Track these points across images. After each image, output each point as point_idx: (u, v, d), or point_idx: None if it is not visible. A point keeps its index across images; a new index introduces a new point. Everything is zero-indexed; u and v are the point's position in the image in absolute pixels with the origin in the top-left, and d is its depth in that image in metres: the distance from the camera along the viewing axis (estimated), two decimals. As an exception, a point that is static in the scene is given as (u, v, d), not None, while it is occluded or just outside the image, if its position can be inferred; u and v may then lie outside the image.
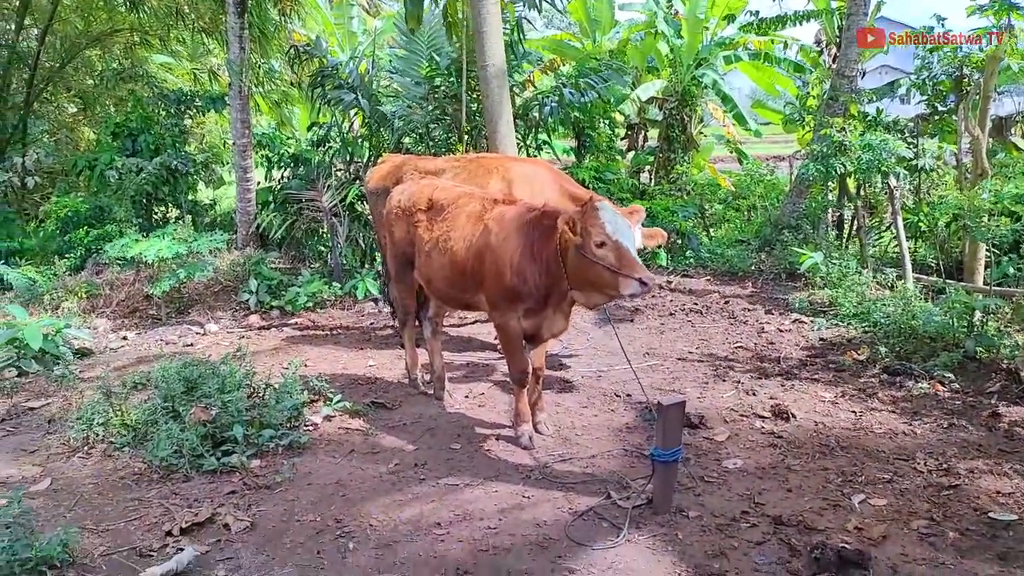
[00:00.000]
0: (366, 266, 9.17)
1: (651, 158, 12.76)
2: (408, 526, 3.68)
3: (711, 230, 11.94)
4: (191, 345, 7.00)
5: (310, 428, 4.87)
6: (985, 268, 7.46)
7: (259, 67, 9.97)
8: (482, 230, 4.51)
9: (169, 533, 3.59)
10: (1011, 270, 7.31)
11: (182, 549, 3.43)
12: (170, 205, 10.70)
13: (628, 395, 5.44)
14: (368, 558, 3.42)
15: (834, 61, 11.60)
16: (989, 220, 6.48)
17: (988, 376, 5.50)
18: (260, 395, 4.93)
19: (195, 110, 11.04)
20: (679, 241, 10.30)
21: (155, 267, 8.03)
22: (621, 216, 4.00)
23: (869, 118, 8.87)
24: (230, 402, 4.53)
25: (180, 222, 9.99)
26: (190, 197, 10.78)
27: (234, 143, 9.70)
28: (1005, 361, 5.57)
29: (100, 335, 7.34)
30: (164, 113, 10.69)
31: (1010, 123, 12.44)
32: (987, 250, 7.39)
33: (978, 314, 6.01)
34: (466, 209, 4.71)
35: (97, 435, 4.65)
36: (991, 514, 3.68)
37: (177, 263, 7.78)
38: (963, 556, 3.34)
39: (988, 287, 6.81)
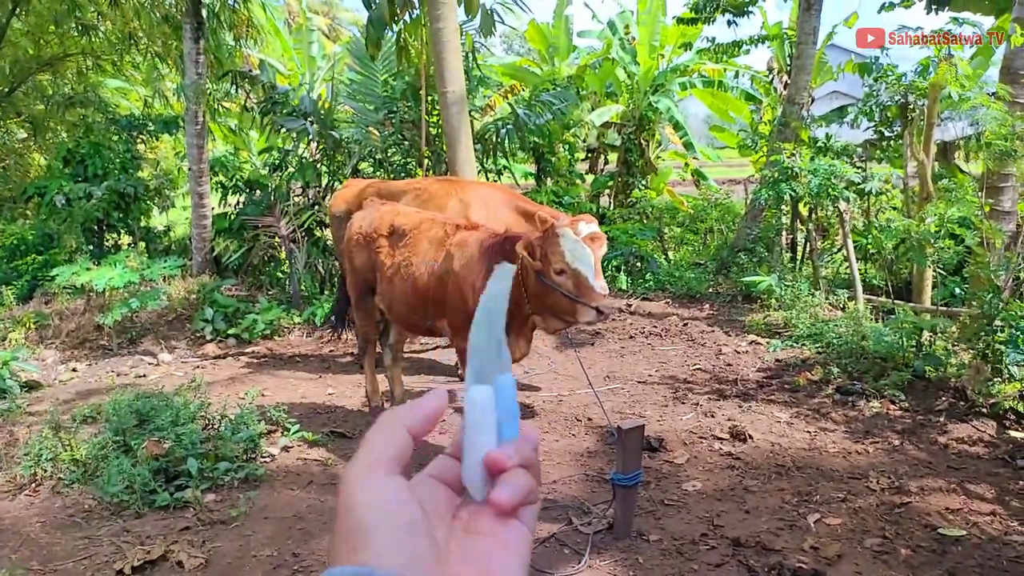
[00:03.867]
0: (325, 292, 9.09)
1: (610, 182, 12.94)
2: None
3: (670, 253, 12.12)
4: (144, 376, 6.85)
5: (267, 460, 4.78)
6: (932, 288, 7.69)
7: (212, 93, 9.88)
8: (444, 255, 4.52)
9: (120, 572, 3.48)
10: (957, 290, 7.55)
11: (133, 589, 3.33)
12: (122, 232, 10.49)
13: (589, 419, 5.47)
14: (326, 592, 3.35)
15: (785, 88, 11.93)
16: (934, 243, 6.70)
17: (936, 394, 5.66)
18: (215, 427, 4.84)
19: (148, 135, 10.89)
20: (639, 264, 10.43)
21: (106, 296, 7.85)
22: (581, 243, 4.04)
23: (819, 143, 9.13)
24: (184, 435, 4.43)
25: (133, 249, 9.80)
26: (143, 223, 10.59)
27: (190, 168, 9.58)
28: (952, 379, 5.74)
29: (49, 367, 7.13)
30: (116, 138, 10.52)
31: (954, 147, 12.91)
32: (933, 271, 7.63)
33: (926, 334, 6.20)
34: (428, 234, 4.72)
35: (45, 471, 4.51)
36: (941, 530, 3.78)
37: (129, 291, 7.62)
38: (914, 572, 3.42)
39: (935, 307, 7.03)
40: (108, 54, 12.18)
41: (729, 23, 11.92)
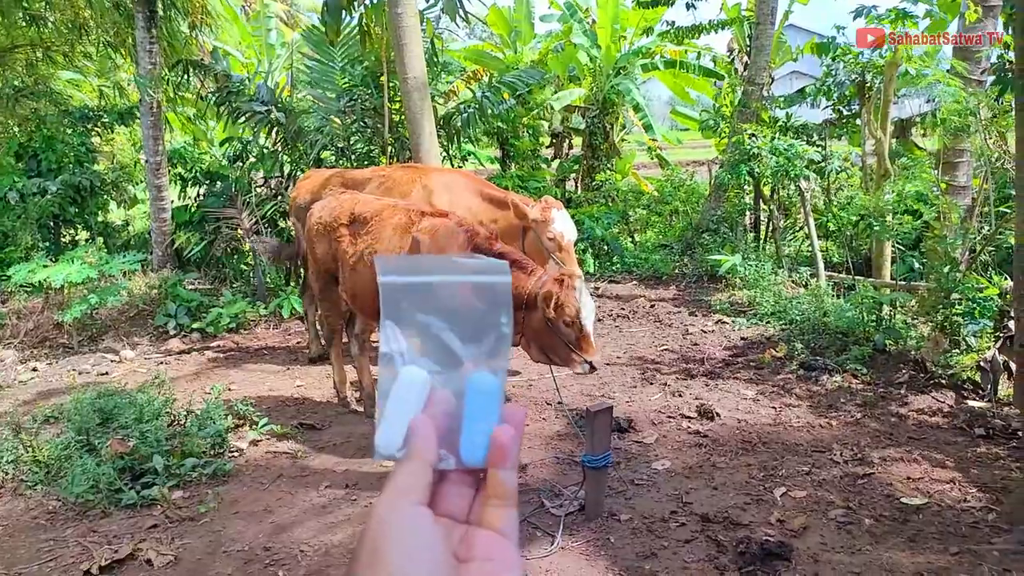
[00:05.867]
0: (291, 284, 8.99)
1: (576, 166, 12.95)
2: (340, 549, 3.62)
3: (635, 235, 12.19)
4: (106, 374, 6.72)
5: (235, 454, 4.73)
6: (891, 264, 7.86)
7: (168, 81, 9.65)
8: (411, 243, 4.48)
9: (88, 573, 3.43)
10: (916, 265, 7.72)
11: (101, 589, 3.29)
12: (79, 227, 10.24)
13: (559, 403, 5.50)
14: (299, 585, 3.34)
15: (745, 69, 12.03)
16: (892, 219, 6.83)
17: (897, 367, 5.79)
18: (181, 423, 4.78)
19: (102, 127, 10.62)
20: (606, 247, 10.48)
21: (65, 293, 7.67)
22: (590, 296, 4.07)
23: (779, 123, 9.23)
24: (149, 432, 4.37)
25: (91, 244, 9.57)
26: (100, 218, 10.35)
27: (147, 160, 9.37)
28: (912, 352, 5.88)
29: (7, 367, 6.96)
30: (70, 131, 10.25)
31: (911, 125, 13.14)
32: (892, 247, 7.79)
33: (886, 308, 6.33)
34: (391, 221, 4.68)
35: (7, 474, 4.41)
36: (902, 499, 3.88)
37: (88, 288, 7.45)
38: (878, 541, 3.51)
39: (894, 282, 7.18)
40: (59, 44, 11.80)
41: (688, 6, 11.98)
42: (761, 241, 10.53)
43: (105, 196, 10.23)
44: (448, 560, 0.56)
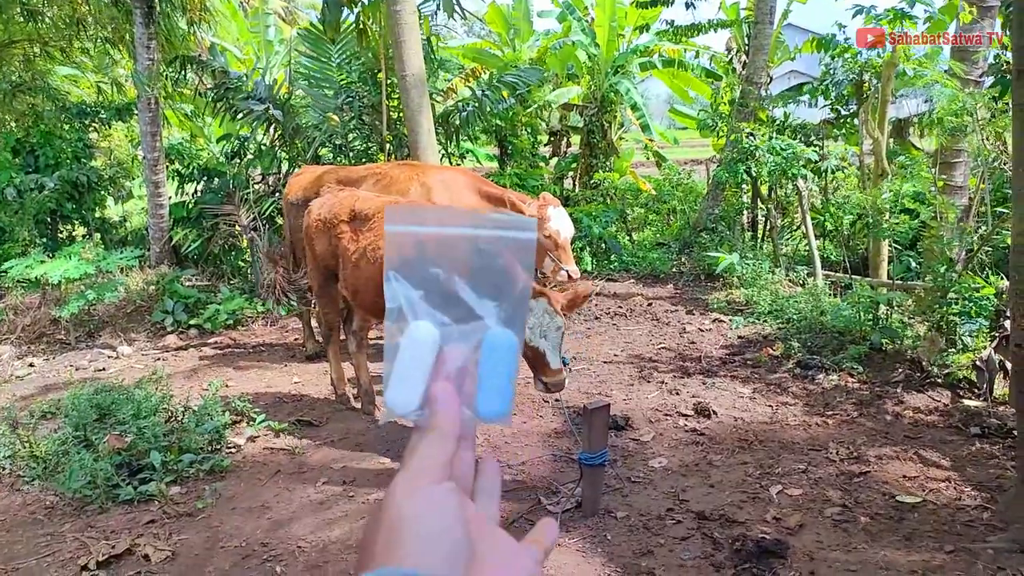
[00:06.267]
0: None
1: (573, 164, 12.95)
2: (338, 545, 3.63)
3: (633, 234, 12.20)
4: (103, 370, 6.71)
5: (233, 451, 4.74)
6: (888, 263, 7.87)
7: (167, 77, 9.64)
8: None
9: (85, 568, 3.44)
10: (912, 264, 7.73)
11: (98, 584, 3.29)
12: (76, 223, 10.22)
13: (556, 399, 5.50)
14: (296, 580, 3.35)
15: (743, 68, 12.03)
16: (889, 218, 6.84)
17: (893, 366, 5.81)
18: (178, 419, 4.78)
19: (100, 123, 10.59)
20: (603, 245, 10.48)
21: (62, 289, 7.66)
22: (554, 315, 4.06)
23: (777, 123, 9.24)
24: (146, 428, 4.37)
25: (88, 240, 9.56)
26: (98, 214, 10.33)
27: (144, 157, 9.35)
28: (908, 351, 5.90)
29: (4, 363, 6.96)
30: (67, 127, 10.22)
31: (908, 125, 13.16)
32: (889, 246, 7.81)
33: (882, 307, 6.35)
34: None
35: (4, 469, 4.42)
36: (898, 498, 3.90)
37: (86, 284, 7.44)
38: (873, 539, 3.52)
39: (891, 282, 7.20)
40: (56, 40, 11.76)
41: (687, 5, 11.98)
42: (759, 240, 10.54)
43: (102, 192, 10.21)
44: (466, 540, 0.54)
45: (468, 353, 0.63)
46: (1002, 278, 5.69)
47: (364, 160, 9.31)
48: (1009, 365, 4.88)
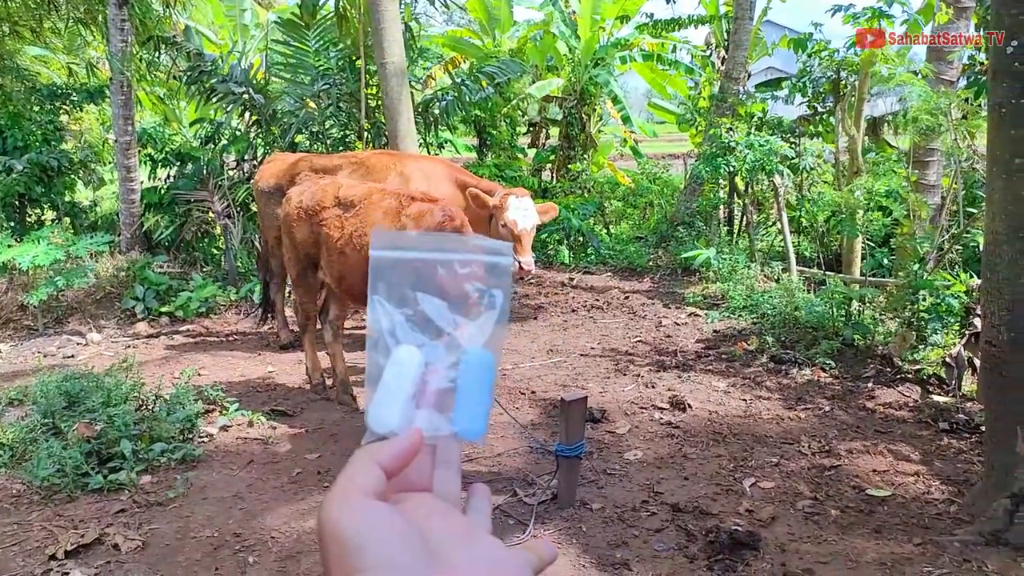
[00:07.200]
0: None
1: (552, 156, 12.95)
2: (311, 535, 3.60)
3: (611, 227, 12.24)
4: (72, 357, 6.59)
5: (205, 440, 4.68)
6: (861, 260, 7.97)
7: (140, 60, 9.45)
8: (400, 227, 4.48)
9: (53, 557, 3.38)
10: (884, 261, 7.84)
11: (68, 573, 3.24)
12: (46, 207, 10.01)
13: (532, 392, 5.51)
14: (270, 571, 3.32)
15: (723, 63, 12.10)
16: (863, 216, 6.93)
17: (864, 362, 5.89)
18: (150, 407, 4.71)
19: (71, 105, 10.37)
20: (581, 238, 10.50)
21: (30, 274, 7.50)
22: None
23: (755, 119, 9.30)
24: (116, 416, 4.30)
25: (57, 225, 9.36)
26: (68, 198, 10.12)
27: (116, 140, 9.17)
28: (879, 347, 5.99)
29: (-32, 348, 6.81)
30: (37, 109, 9.99)
31: (883, 123, 13.33)
32: (862, 243, 7.90)
33: (855, 303, 6.43)
34: (382, 205, 4.68)
35: (-33, 457, 4.32)
36: (868, 491, 3.96)
37: (55, 269, 7.29)
38: (844, 532, 3.57)
39: (864, 278, 7.29)
40: (26, 20, 11.48)
41: (668, 0, 12.01)
42: (735, 235, 10.62)
43: (73, 176, 10.00)
44: (421, 541, 0.54)
45: (448, 373, 0.65)
46: (972, 276, 5.78)
47: (341, 148, 9.22)
48: (978, 361, 4.98)
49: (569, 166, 12.53)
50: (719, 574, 3.26)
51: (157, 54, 9.25)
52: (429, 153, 10.13)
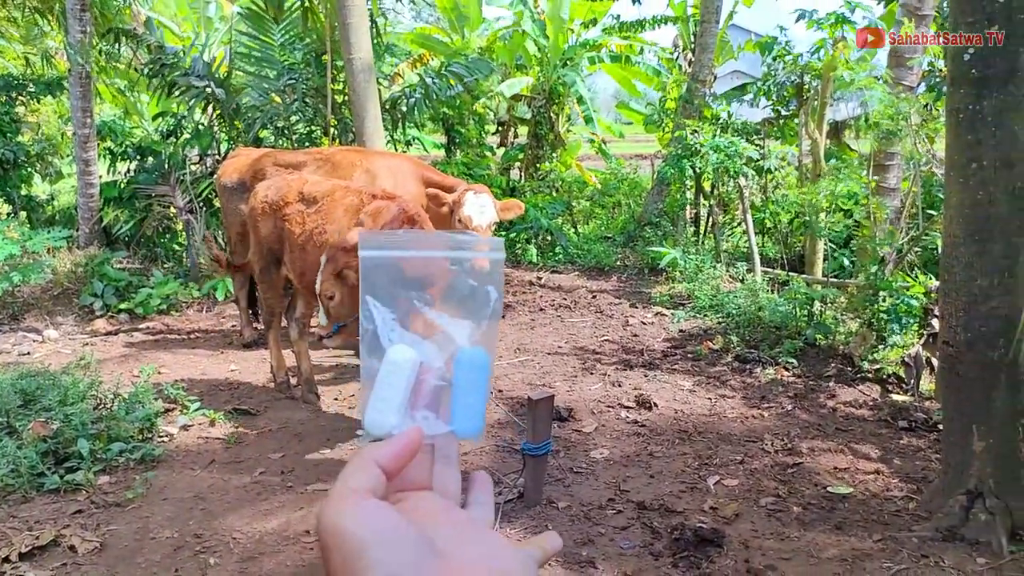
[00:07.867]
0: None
1: (520, 155, 12.96)
2: (274, 536, 3.55)
3: (578, 226, 12.28)
4: (28, 354, 6.42)
5: (165, 439, 4.59)
6: (823, 261, 8.11)
7: (100, 51, 9.23)
8: (357, 224, 4.44)
9: (7, 560, 3.28)
10: (845, 262, 7.99)
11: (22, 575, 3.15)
12: (1, 200, 9.73)
13: (499, 391, 5.50)
14: (231, 572, 3.27)
15: (689, 65, 12.21)
16: (825, 217, 7.05)
17: (826, 361, 5.99)
18: (108, 406, 4.60)
19: (28, 96, 10.09)
20: (549, 237, 10.52)
21: (-17, 269, 7.28)
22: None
23: (720, 121, 9.41)
24: (73, 415, 4.19)
25: (13, 219, 9.10)
26: (24, 192, 9.85)
27: (75, 133, 8.95)
28: (841, 347, 6.10)
29: (-83, 345, 6.59)
30: (-8, 100, 9.70)
31: (844, 127, 13.58)
32: (824, 244, 8.04)
33: (817, 304, 6.54)
34: (343, 202, 4.65)
35: (-85, 457, 4.17)
36: (829, 488, 4.02)
37: (10, 264, 7.08)
38: (806, 528, 3.63)
39: (826, 279, 7.42)
40: (-21, 8, 11.15)
41: (634, 1, 12.09)
42: (701, 235, 10.72)
43: (29, 169, 9.74)
44: (424, 540, 0.54)
45: (443, 372, 0.64)
46: (931, 278, 5.92)
47: (307, 144, 9.12)
48: (936, 361, 5.10)
49: (538, 165, 12.54)
50: (684, 571, 3.28)
51: (117, 46, 9.04)
52: (396, 150, 10.06)
